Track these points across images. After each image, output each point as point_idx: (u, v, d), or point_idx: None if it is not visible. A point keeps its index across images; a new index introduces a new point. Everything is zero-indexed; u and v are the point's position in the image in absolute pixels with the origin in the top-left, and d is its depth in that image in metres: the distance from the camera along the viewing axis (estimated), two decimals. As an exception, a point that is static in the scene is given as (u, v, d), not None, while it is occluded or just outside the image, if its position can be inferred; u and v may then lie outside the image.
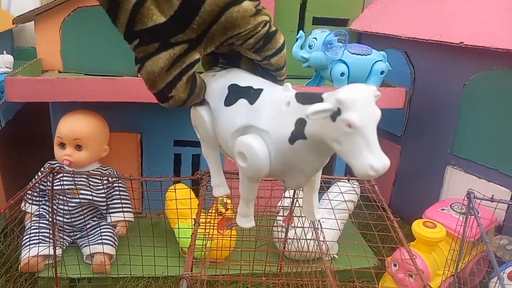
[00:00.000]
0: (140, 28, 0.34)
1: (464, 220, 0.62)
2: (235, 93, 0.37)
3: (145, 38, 0.34)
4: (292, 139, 0.32)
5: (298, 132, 0.32)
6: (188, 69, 0.36)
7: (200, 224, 0.51)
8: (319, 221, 0.53)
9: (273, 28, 0.37)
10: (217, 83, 0.39)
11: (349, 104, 0.27)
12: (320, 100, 0.31)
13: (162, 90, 0.36)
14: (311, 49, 0.94)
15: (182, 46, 0.35)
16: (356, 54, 0.97)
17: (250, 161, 0.34)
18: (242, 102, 0.36)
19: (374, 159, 0.27)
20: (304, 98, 0.33)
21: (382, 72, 0.99)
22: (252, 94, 0.36)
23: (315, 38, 0.93)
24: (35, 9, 0.99)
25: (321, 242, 0.47)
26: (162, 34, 0.34)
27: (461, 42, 0.90)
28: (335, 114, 0.28)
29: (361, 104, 0.28)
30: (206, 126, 0.40)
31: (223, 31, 0.35)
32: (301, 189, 0.43)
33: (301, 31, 0.96)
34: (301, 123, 0.31)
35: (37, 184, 0.83)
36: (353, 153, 0.28)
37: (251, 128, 0.34)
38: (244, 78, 0.38)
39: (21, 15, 0.99)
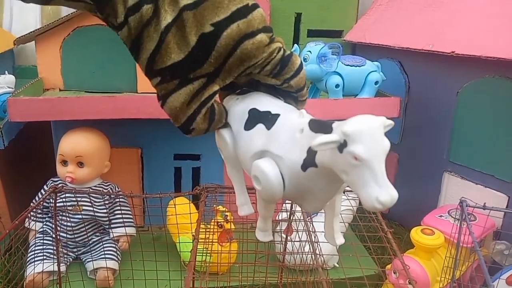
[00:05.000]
0: (160, 67, 0.35)
1: (458, 228, 0.64)
2: (254, 118, 0.38)
3: (166, 76, 0.36)
4: (305, 166, 0.32)
5: (310, 160, 0.31)
6: (207, 101, 0.37)
7: (200, 240, 0.52)
8: (316, 234, 0.54)
9: (288, 52, 0.38)
10: (239, 107, 0.40)
11: (354, 137, 0.27)
12: (330, 130, 0.30)
13: (184, 124, 0.38)
14: (306, 62, 0.96)
15: (201, 80, 0.36)
16: (350, 66, 0.99)
17: (264, 185, 0.34)
18: (260, 127, 0.36)
19: (380, 192, 0.27)
20: (316, 126, 0.32)
21: (376, 82, 1.01)
22: (269, 119, 0.37)
23: (310, 51, 0.95)
24: (36, 30, 1.01)
25: (318, 255, 0.48)
26: (181, 71, 0.36)
27: (452, 52, 0.92)
28: (342, 146, 0.28)
29: (367, 136, 0.27)
30: (229, 148, 0.40)
31: (240, 63, 0.36)
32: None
33: (295, 45, 0.97)
34: (312, 151, 0.31)
35: (40, 203, 0.84)
36: (360, 185, 0.28)
37: (267, 153, 0.35)
38: (264, 102, 0.39)
39: (22, 36, 1.01)
